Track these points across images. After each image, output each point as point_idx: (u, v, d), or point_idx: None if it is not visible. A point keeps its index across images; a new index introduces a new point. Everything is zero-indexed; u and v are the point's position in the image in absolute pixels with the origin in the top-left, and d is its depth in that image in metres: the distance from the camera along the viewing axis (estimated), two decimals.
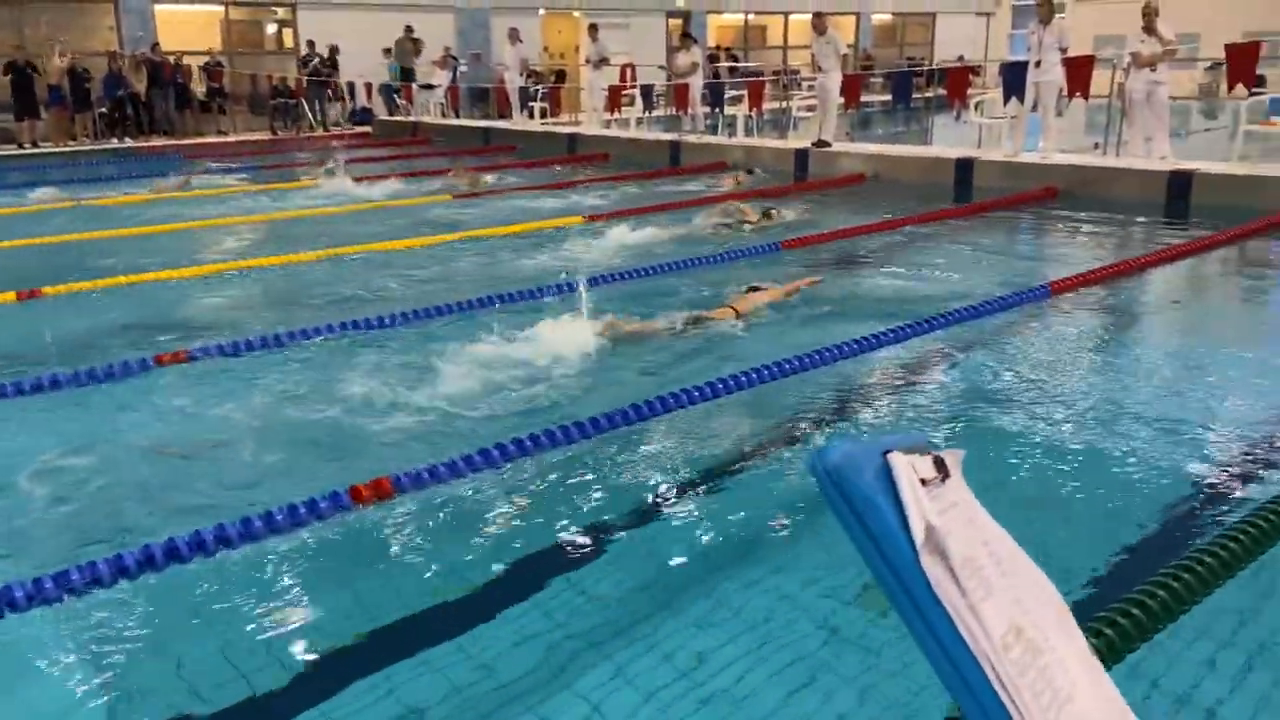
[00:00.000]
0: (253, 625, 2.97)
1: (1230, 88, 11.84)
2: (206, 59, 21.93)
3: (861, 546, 0.54)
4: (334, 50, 22.69)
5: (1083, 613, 1.87)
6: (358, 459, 4.13)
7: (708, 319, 6.07)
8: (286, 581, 3.22)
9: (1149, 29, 10.91)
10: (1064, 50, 11.64)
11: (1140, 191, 10.58)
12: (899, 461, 0.55)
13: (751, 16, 31.06)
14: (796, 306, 6.51)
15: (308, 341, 5.85)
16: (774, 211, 10.02)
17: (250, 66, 23.07)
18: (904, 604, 0.55)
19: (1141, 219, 9.91)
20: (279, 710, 2.65)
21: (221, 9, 23.02)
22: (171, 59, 20.82)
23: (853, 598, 3.00)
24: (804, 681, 2.61)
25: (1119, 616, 2.52)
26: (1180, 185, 10.33)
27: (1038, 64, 11.59)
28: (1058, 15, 11.81)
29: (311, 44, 22.29)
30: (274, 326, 6.11)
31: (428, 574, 3.28)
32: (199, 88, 21.86)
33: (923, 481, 0.57)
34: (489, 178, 13.89)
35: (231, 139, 21.12)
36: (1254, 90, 11.86)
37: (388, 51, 23.06)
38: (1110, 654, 2.36)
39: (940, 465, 0.61)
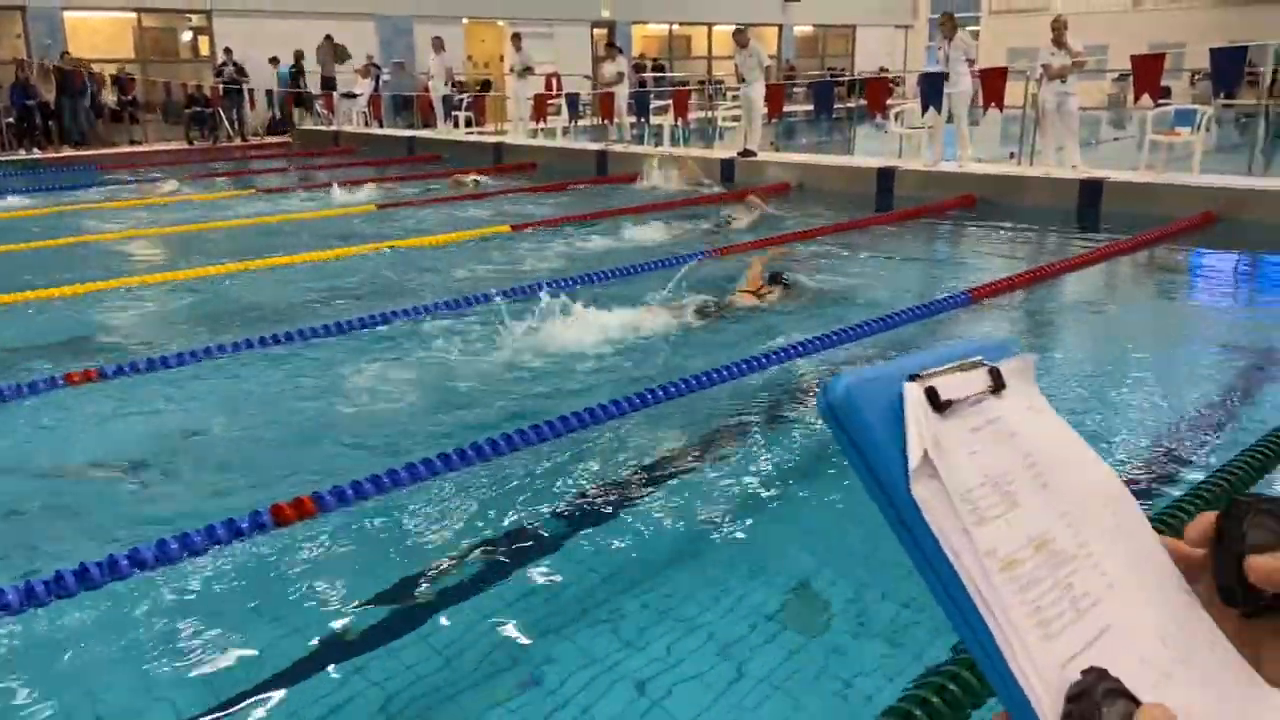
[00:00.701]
0: (162, 651, 2.88)
1: (1136, 98, 12.26)
2: (118, 68, 21.30)
3: (863, 479, 0.54)
4: (299, 56, 22.34)
5: None
6: (281, 476, 4.04)
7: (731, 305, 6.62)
8: (204, 605, 3.13)
9: (1058, 41, 11.25)
10: (971, 62, 12.07)
11: (1054, 200, 10.89)
12: (910, 391, 0.54)
13: (676, 27, 31.29)
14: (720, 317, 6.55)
15: (224, 356, 5.69)
16: (761, 209, 10.74)
17: (164, 75, 22.47)
18: (903, 535, 0.54)
19: (1056, 226, 10.20)
20: None
21: (134, 16, 22.42)
22: (82, 68, 20.20)
23: (775, 612, 3.02)
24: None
25: None
26: (1091, 193, 10.67)
27: (948, 77, 11.99)
28: (962, 29, 12.25)
29: (229, 51, 21.81)
30: (190, 342, 5.95)
31: (362, 587, 3.22)
32: (111, 97, 21.24)
33: (941, 406, 0.54)
34: (480, 178, 14.13)
35: (145, 148, 20.55)
36: (1159, 101, 12.27)
37: (275, 60, 22.52)
38: None
39: (996, 377, 0.58)
